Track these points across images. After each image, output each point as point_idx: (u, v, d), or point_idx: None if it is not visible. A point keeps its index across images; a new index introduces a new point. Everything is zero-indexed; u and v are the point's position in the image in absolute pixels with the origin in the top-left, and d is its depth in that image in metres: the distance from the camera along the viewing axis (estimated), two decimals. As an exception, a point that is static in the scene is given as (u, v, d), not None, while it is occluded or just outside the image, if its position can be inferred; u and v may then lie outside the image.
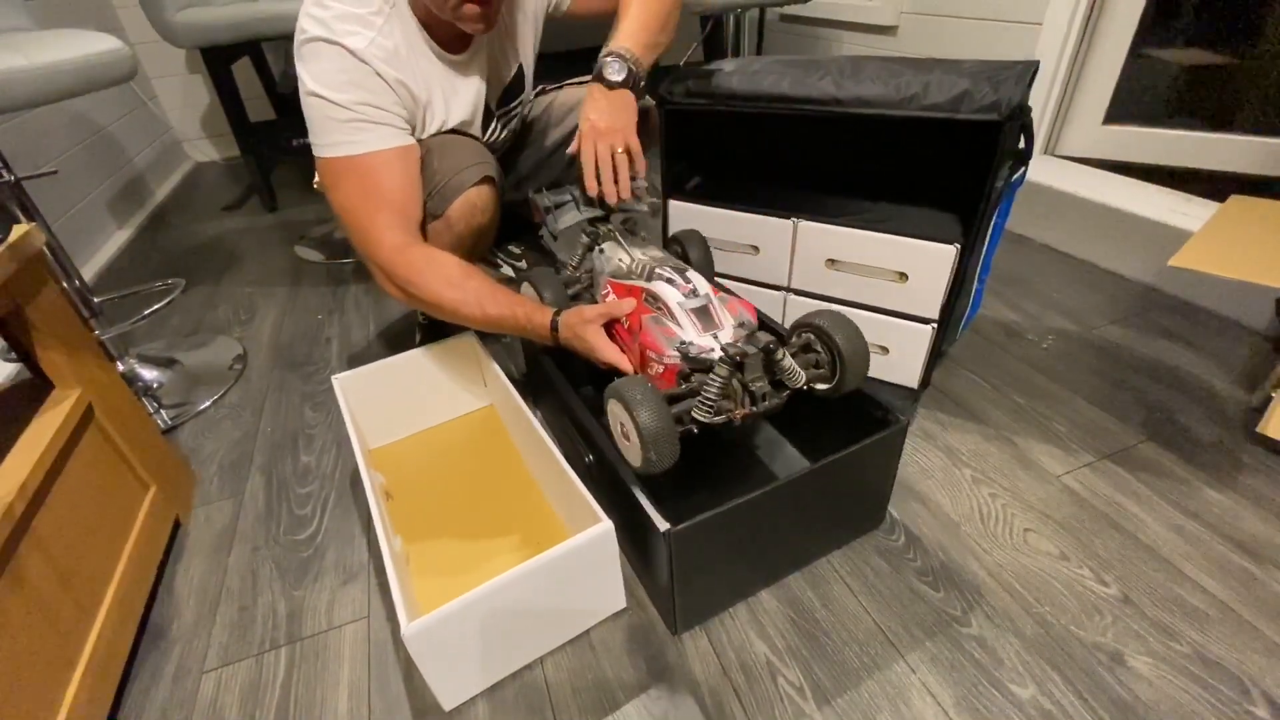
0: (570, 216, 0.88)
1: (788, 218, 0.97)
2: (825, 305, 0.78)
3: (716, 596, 0.71)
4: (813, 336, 0.73)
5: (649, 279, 0.75)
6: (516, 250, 1.40)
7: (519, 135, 1.12)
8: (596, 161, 0.78)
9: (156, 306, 1.27)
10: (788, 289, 1.04)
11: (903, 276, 0.92)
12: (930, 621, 0.71)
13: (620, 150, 0.78)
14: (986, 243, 0.92)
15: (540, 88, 1.12)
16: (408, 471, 0.96)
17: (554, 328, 0.78)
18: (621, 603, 0.73)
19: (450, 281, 0.79)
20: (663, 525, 0.60)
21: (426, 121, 0.87)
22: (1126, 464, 0.89)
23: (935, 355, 0.98)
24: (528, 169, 1.16)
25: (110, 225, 1.89)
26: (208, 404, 1.16)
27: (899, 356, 0.99)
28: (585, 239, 0.90)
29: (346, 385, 0.93)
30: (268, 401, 1.15)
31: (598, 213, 0.89)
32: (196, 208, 2.12)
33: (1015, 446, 0.93)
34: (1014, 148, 0.86)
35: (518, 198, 1.23)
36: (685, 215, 1.06)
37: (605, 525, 0.65)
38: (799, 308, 1.04)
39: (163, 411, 1.15)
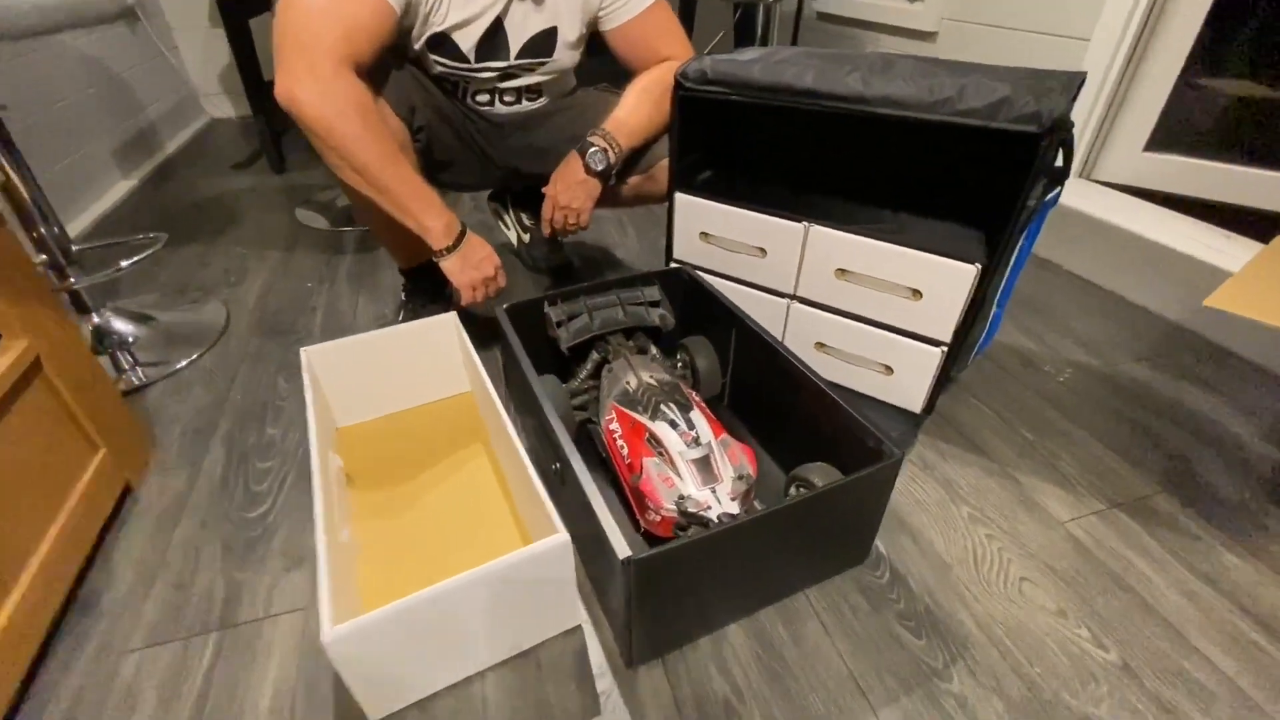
0: (581, 329, 0.91)
1: (799, 221, 0.91)
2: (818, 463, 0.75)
3: (678, 628, 0.66)
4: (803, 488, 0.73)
5: (653, 416, 0.75)
6: (529, 221, 1.33)
7: (548, 108, 1.08)
8: (553, 220, 1.00)
9: (134, 259, 1.23)
10: (793, 296, 0.98)
11: (916, 294, 0.86)
12: (908, 672, 0.65)
13: (572, 223, 0.99)
14: (1011, 265, 0.86)
15: (606, 86, 1.12)
16: (373, 454, 0.91)
17: (456, 242, 0.88)
18: (575, 620, 0.68)
19: (369, 110, 0.80)
20: (623, 552, 0.55)
21: (429, 15, 0.88)
22: (1138, 516, 0.82)
23: (943, 380, 0.92)
24: (540, 144, 1.10)
25: (115, 174, 1.86)
26: (182, 364, 1.12)
27: (903, 378, 0.93)
28: (596, 355, 0.92)
29: (315, 358, 0.88)
30: (242, 368, 1.11)
31: (613, 327, 0.92)
32: (205, 163, 2.09)
33: (1019, 485, 0.87)
34: (1051, 164, 0.79)
35: (538, 172, 1.15)
36: (692, 210, 1.00)
37: (561, 538, 0.59)
38: (803, 319, 0.98)
39: (138, 369, 1.11)
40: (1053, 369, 1.10)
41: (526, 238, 1.33)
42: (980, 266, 0.80)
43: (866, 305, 0.91)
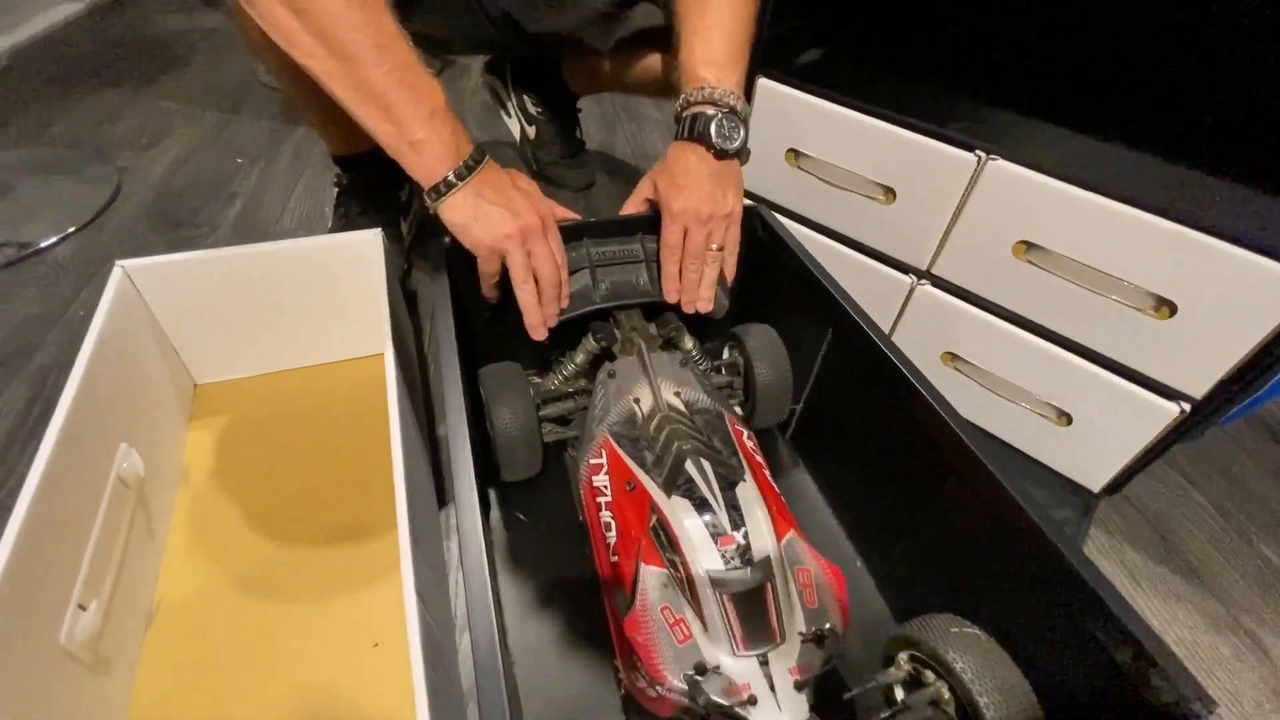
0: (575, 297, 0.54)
1: (971, 150, 0.52)
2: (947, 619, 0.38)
3: None
4: (931, 673, 0.37)
5: (669, 483, 0.40)
6: (535, 108, 0.93)
7: None
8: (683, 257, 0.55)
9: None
10: (924, 274, 0.60)
11: (1166, 307, 0.48)
12: None
13: (717, 246, 0.54)
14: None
15: None
16: (239, 438, 0.59)
17: (470, 165, 0.46)
18: None
19: None
20: None
21: None
22: None
23: (1159, 452, 0.55)
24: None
25: (56, -8, 1.50)
26: (29, 250, 0.80)
27: (1088, 435, 0.57)
28: (593, 341, 0.55)
29: (145, 279, 0.55)
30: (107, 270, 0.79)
31: (629, 300, 0.56)
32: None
33: (1268, 658, 0.51)
34: None
35: (548, 29, 0.74)
36: (782, 108, 0.61)
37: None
38: (933, 311, 0.61)
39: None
40: (1297, 437, 0.71)
41: (533, 132, 0.94)
42: (1325, 276, 0.41)
43: (1060, 310, 0.53)
